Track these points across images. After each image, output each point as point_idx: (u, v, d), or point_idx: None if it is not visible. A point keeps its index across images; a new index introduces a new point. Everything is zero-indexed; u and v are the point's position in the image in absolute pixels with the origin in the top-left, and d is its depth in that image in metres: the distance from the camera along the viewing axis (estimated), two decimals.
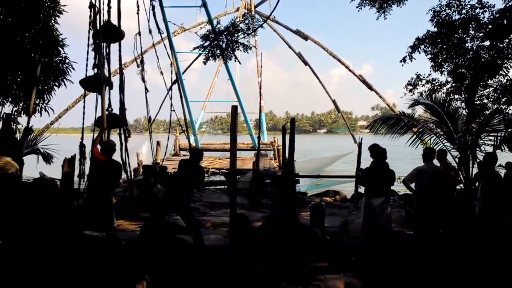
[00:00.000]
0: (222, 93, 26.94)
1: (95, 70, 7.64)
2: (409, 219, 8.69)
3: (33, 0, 9.88)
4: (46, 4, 10.53)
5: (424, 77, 10.03)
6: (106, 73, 7.72)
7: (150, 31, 10.73)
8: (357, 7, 8.68)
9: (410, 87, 10.07)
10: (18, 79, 10.51)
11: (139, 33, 10.08)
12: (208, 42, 7.91)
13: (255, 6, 30.38)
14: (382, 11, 8.89)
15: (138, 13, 10.25)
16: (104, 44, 7.65)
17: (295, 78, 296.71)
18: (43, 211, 5.46)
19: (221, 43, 7.86)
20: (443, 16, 9.79)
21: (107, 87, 7.97)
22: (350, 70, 25.07)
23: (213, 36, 7.91)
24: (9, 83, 10.41)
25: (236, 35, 7.91)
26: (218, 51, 8.04)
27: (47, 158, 12.40)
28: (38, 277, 4.92)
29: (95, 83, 7.69)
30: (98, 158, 7.20)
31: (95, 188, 7.04)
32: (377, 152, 7.51)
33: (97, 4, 7.48)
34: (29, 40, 10.08)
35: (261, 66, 22.93)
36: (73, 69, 11.51)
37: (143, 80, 10.16)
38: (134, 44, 9.62)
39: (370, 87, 24.66)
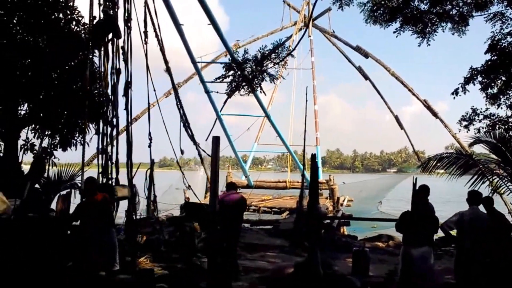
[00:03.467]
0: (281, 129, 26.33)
1: None
2: None
3: (72, 34, 10.07)
4: (85, 37, 10.67)
5: (481, 111, 8.97)
6: None
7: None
8: (394, 32, 7.95)
9: (464, 123, 9.03)
10: (56, 112, 10.65)
11: None
12: (231, 72, 7.53)
13: (313, 20, 29.61)
14: (424, 37, 8.09)
15: None
16: None
17: (363, 116, 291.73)
18: None
19: (247, 73, 7.45)
20: (504, 44, 8.80)
21: None
22: (413, 94, 23.38)
23: (236, 65, 7.52)
24: (48, 116, 10.58)
25: (264, 64, 7.48)
26: (243, 83, 7.64)
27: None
28: None
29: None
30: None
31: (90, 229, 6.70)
32: (417, 192, 6.65)
33: None
34: (68, 73, 10.22)
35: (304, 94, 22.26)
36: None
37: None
38: None
39: (435, 115, 22.97)
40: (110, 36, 9.34)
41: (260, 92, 8.47)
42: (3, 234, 7.20)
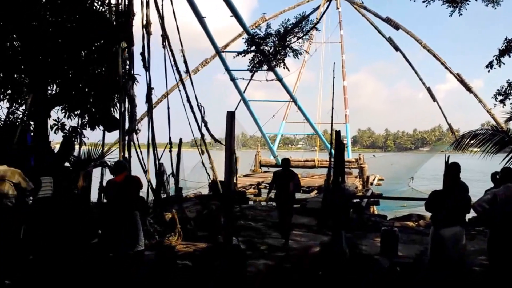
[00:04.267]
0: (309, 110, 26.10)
1: None
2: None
3: (97, 14, 10.02)
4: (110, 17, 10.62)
5: None
6: None
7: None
8: (424, 1, 7.47)
9: (500, 97, 8.54)
10: (84, 93, 10.72)
11: None
12: (253, 48, 7.28)
13: None
14: (455, 7, 7.59)
15: None
16: None
17: (395, 94, 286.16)
18: None
19: (269, 48, 7.21)
20: None
21: None
22: (446, 67, 22.41)
23: (259, 39, 7.27)
24: (76, 97, 10.66)
25: (288, 39, 7.20)
26: (267, 58, 7.40)
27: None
28: None
29: None
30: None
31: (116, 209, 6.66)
32: (448, 170, 6.34)
33: None
34: (94, 54, 10.21)
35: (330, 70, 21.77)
36: (137, 82, 11.56)
37: None
38: None
39: (469, 89, 22.08)
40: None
41: (284, 68, 8.23)
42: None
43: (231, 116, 4.93)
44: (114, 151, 12.76)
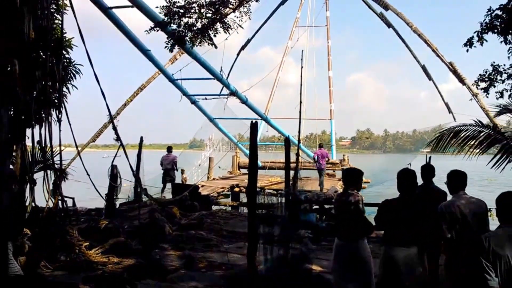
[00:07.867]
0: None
1: None
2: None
3: None
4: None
5: (504, 69, 6.97)
6: None
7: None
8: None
9: (483, 84, 7.07)
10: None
11: None
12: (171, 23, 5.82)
13: None
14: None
15: None
16: None
17: (395, 95, 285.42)
18: None
19: (194, 20, 5.79)
20: None
21: None
22: (438, 55, 20.16)
23: (180, 10, 5.83)
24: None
25: (220, 9, 5.79)
26: (189, 34, 5.97)
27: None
28: None
29: None
30: None
31: None
32: (402, 176, 4.90)
33: None
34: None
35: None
36: (81, 73, 10.34)
37: None
38: None
39: (461, 81, 19.98)
40: None
41: (211, 45, 6.78)
42: None
43: (254, 127, 3.46)
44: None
